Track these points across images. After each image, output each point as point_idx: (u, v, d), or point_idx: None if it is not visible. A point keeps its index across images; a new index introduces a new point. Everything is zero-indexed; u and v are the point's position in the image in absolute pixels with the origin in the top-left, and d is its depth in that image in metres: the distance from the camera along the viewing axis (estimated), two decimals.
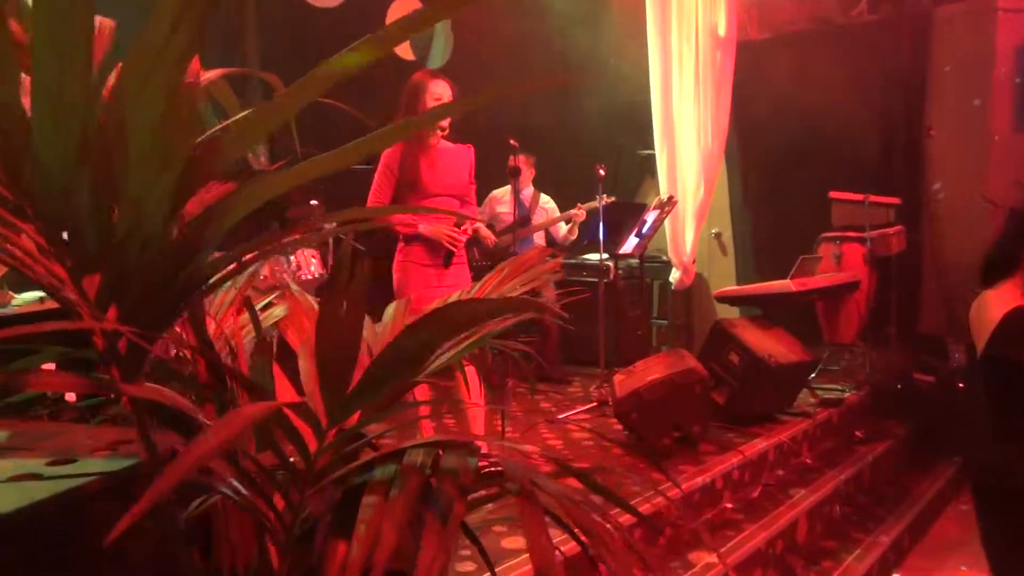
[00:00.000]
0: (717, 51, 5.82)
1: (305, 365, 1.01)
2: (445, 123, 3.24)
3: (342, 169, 0.88)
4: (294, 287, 1.46)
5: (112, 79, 0.87)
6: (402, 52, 5.83)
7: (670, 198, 4.71)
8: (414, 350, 0.83)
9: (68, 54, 0.62)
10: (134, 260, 0.70)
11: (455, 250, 3.24)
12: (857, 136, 5.82)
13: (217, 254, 1.04)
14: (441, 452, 0.79)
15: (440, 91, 3.17)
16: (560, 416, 4.26)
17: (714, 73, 5.78)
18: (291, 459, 0.88)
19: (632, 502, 3.08)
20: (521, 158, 5.22)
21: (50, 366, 1.05)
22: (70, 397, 1.32)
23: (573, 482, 1.09)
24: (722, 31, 5.88)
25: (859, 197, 5.19)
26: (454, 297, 1.59)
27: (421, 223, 3.20)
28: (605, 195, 4.79)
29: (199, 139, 0.89)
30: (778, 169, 6.39)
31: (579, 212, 5.30)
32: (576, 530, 0.86)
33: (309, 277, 4.98)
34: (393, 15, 5.80)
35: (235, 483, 0.78)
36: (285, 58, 5.42)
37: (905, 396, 4.97)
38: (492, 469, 0.85)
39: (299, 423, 0.79)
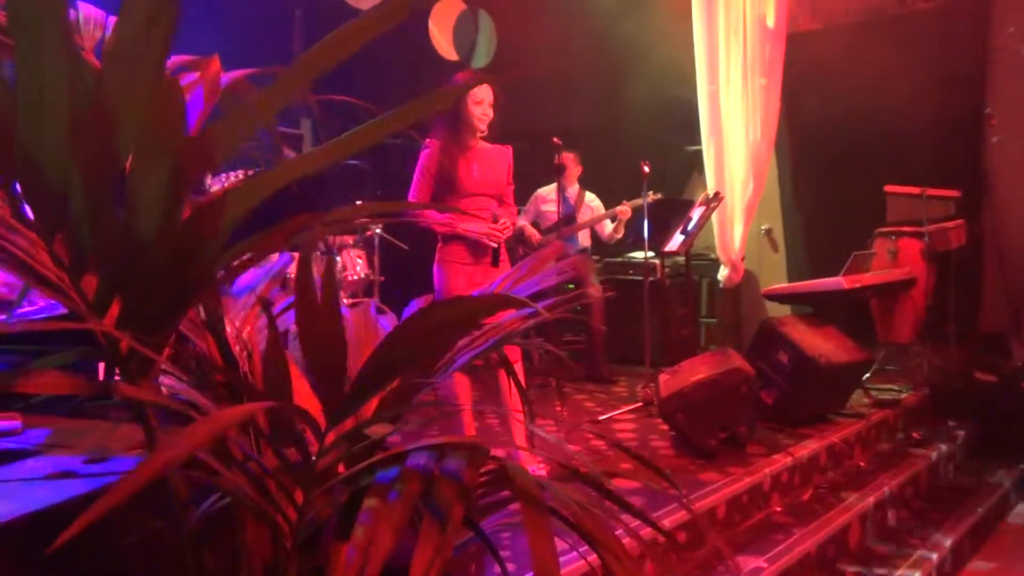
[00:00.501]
0: (766, 43, 5.69)
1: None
2: (484, 124, 3.24)
3: (346, 158, 0.87)
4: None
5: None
6: (446, 52, 5.85)
7: (716, 194, 4.62)
8: (403, 353, 0.81)
9: (46, 45, 0.62)
10: (133, 258, 0.70)
11: (493, 245, 3.23)
12: (913, 127, 5.63)
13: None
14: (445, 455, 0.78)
15: (483, 94, 3.20)
16: (602, 417, 4.21)
17: (763, 66, 5.65)
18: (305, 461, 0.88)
19: (674, 505, 3.04)
20: (566, 155, 5.19)
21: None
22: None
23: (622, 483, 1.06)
24: (771, 23, 5.75)
25: (916, 190, 5.03)
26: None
27: (459, 222, 3.22)
28: (651, 192, 4.72)
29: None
30: (831, 163, 6.23)
31: (624, 209, 5.24)
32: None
33: (355, 278, 5.04)
34: (436, 16, 5.83)
35: (241, 485, 0.78)
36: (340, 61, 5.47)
37: (965, 397, 4.79)
38: (499, 473, 0.83)
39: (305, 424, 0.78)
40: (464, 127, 3.23)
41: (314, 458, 0.78)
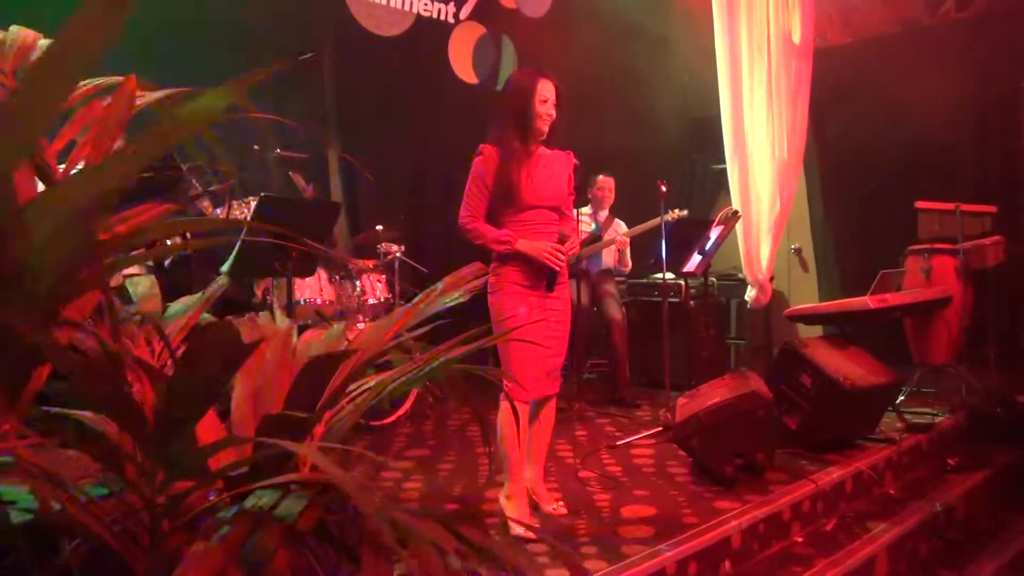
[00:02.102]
0: (792, 59, 5.60)
1: (239, 390, 0.96)
2: (547, 125, 2.91)
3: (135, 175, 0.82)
4: (279, 316, 1.42)
5: None
6: (465, 76, 5.87)
7: (735, 212, 4.51)
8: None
9: None
10: None
11: (559, 269, 2.90)
12: (947, 142, 5.46)
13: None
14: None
15: (548, 92, 2.89)
16: (620, 442, 4.11)
17: (788, 81, 5.56)
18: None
19: (690, 532, 2.93)
20: (600, 179, 5.16)
21: None
22: None
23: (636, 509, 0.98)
24: (797, 38, 5.66)
25: (950, 206, 4.85)
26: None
27: (519, 239, 2.88)
28: (675, 210, 4.64)
29: None
30: (863, 180, 6.08)
31: (622, 240, 5.14)
32: None
33: (375, 301, 5.04)
34: (456, 41, 5.86)
35: (90, 527, 0.74)
36: (360, 86, 5.54)
37: (1006, 421, 4.56)
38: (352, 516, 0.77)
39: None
40: (526, 128, 2.90)
41: (148, 498, 0.74)
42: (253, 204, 3.37)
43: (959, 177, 5.48)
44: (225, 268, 2.92)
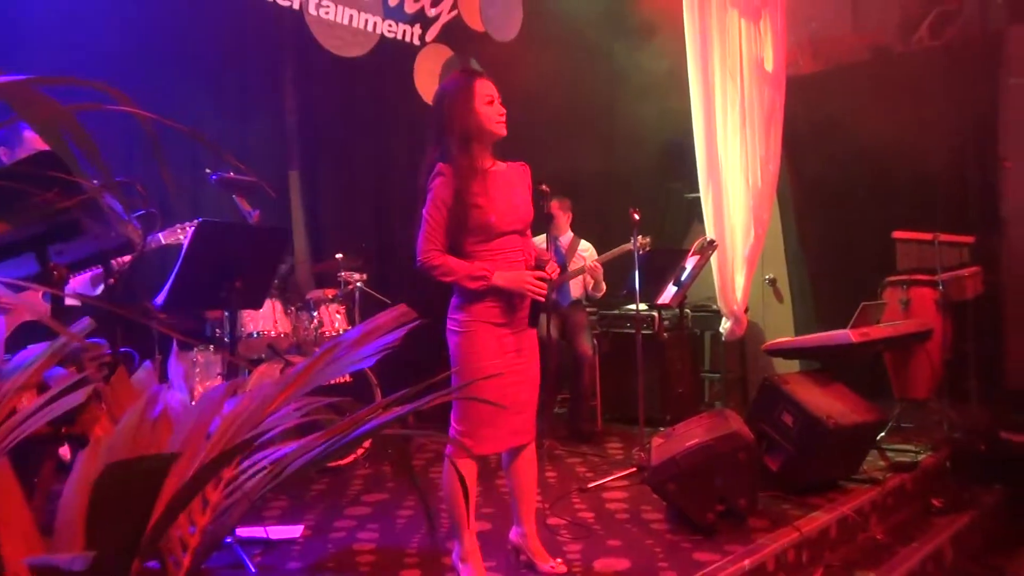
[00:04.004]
0: (765, 86, 5.49)
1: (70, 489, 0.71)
2: (502, 127, 2.57)
3: None
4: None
5: None
6: (431, 99, 5.66)
7: (711, 242, 4.34)
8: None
9: None
10: None
11: (543, 300, 2.59)
12: (923, 171, 5.36)
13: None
14: None
15: (489, 91, 2.55)
16: (591, 484, 3.87)
17: (761, 109, 5.44)
18: None
19: None
20: (553, 203, 4.94)
21: None
22: None
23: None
24: (769, 66, 5.55)
25: (927, 236, 4.73)
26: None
27: (494, 272, 2.53)
28: (641, 236, 4.43)
29: None
30: (837, 209, 5.96)
31: (593, 266, 4.95)
32: None
33: (333, 334, 4.76)
34: (422, 63, 5.68)
35: None
36: (323, 108, 5.34)
37: (991, 459, 4.40)
38: None
39: None
40: (479, 139, 2.54)
41: None
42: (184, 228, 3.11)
43: (936, 207, 5.37)
44: (160, 300, 2.65)
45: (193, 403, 0.98)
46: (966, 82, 5.44)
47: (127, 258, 2.94)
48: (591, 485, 3.87)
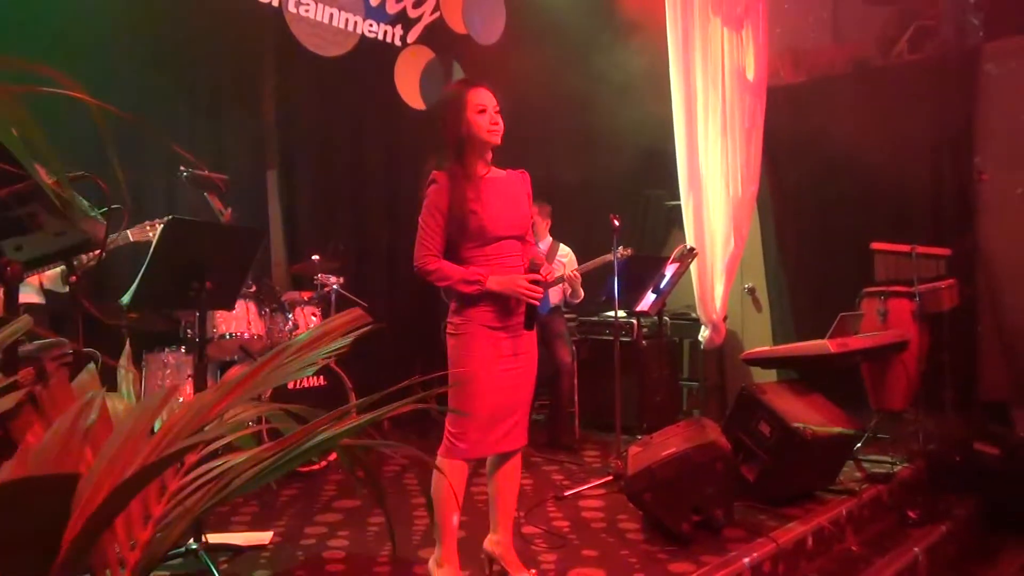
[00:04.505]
0: (746, 95, 5.49)
1: None
2: (496, 137, 2.59)
3: None
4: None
5: None
6: (411, 101, 5.62)
7: (691, 249, 4.31)
8: None
9: None
10: None
11: (537, 303, 2.63)
12: (901, 183, 5.40)
13: None
14: None
15: (482, 100, 2.57)
16: (567, 493, 3.83)
17: (743, 119, 5.44)
18: None
19: None
20: (534, 208, 4.89)
21: None
22: None
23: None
24: (751, 75, 5.56)
25: (905, 248, 4.74)
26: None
27: (488, 276, 2.56)
28: (622, 247, 4.41)
29: None
30: (817, 219, 5.99)
31: (572, 275, 4.88)
32: None
33: None
34: (403, 64, 5.62)
35: None
36: (301, 107, 5.27)
37: (966, 470, 4.41)
38: None
39: None
40: (472, 148, 2.58)
41: None
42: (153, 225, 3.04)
43: (913, 218, 5.41)
44: (126, 299, 2.58)
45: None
46: (944, 96, 5.48)
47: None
48: (567, 493, 3.83)
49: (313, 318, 4.77)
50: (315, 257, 4.84)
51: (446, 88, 2.73)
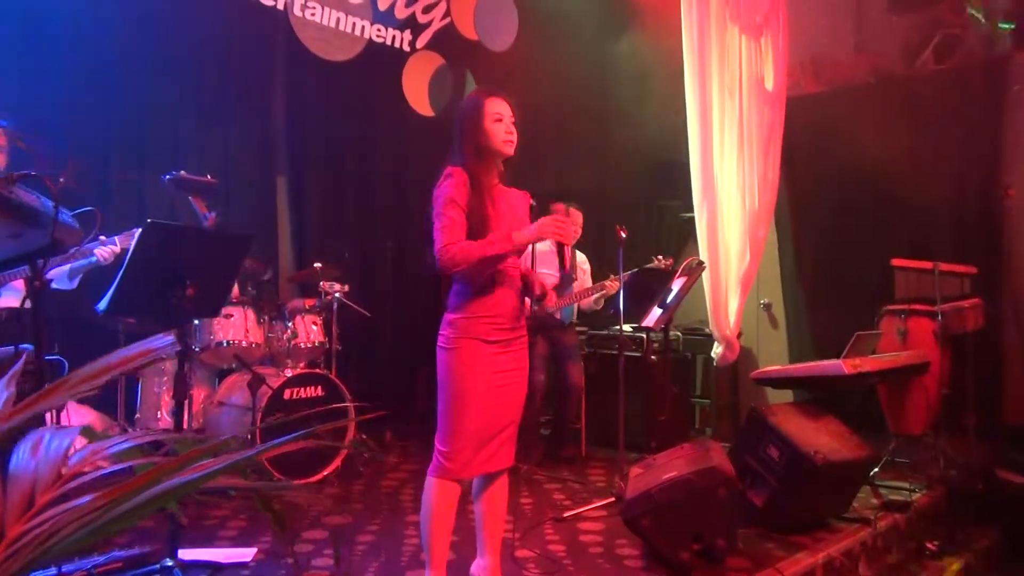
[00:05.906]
0: (764, 105, 5.33)
1: None
2: (510, 147, 2.59)
3: None
4: None
5: None
6: (419, 107, 5.52)
7: (699, 263, 4.16)
8: None
9: None
10: None
11: (568, 241, 2.58)
12: (925, 198, 5.20)
13: None
14: None
15: (499, 109, 2.56)
16: (567, 514, 3.68)
17: (760, 129, 5.28)
18: None
19: None
20: (559, 206, 4.72)
21: None
22: None
23: None
24: (769, 85, 5.40)
25: (927, 265, 4.55)
26: None
27: (511, 232, 2.48)
28: (659, 257, 4.29)
29: None
30: (836, 234, 5.80)
31: (612, 284, 4.73)
32: None
33: (308, 346, 4.59)
34: (411, 70, 5.54)
35: None
36: (309, 112, 5.21)
37: (988, 498, 4.20)
38: None
39: None
40: (486, 156, 2.56)
41: None
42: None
43: (936, 235, 5.20)
44: (102, 306, 2.49)
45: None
46: (970, 108, 5.29)
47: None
48: (566, 515, 3.69)
49: (314, 327, 4.67)
50: (317, 264, 4.75)
51: (468, 96, 2.71)
